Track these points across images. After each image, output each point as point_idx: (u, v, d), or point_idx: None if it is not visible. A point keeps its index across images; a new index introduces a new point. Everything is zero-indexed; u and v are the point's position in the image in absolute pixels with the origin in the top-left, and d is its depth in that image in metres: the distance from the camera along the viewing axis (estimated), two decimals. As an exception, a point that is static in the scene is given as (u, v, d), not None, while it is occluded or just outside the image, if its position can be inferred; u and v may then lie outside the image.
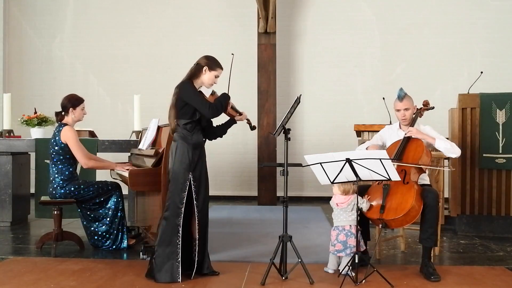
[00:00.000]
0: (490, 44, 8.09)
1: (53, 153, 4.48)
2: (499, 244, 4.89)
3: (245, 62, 8.22)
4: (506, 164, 5.16)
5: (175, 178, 3.62)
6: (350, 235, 3.73)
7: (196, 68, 3.73)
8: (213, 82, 3.74)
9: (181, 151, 3.62)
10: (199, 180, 3.66)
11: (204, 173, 3.72)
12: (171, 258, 3.57)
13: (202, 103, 3.61)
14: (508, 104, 5.18)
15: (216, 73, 3.74)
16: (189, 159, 3.61)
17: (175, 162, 3.63)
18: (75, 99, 4.59)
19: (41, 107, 6.39)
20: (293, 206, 6.82)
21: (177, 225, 3.59)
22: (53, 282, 3.59)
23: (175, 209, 3.60)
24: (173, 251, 3.57)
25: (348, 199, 3.80)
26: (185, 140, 3.63)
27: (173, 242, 3.58)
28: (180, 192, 3.60)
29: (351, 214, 3.76)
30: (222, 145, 8.24)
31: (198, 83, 3.73)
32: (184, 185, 3.60)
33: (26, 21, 8.85)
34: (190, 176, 3.62)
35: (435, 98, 7.36)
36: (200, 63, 3.73)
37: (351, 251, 3.68)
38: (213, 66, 3.72)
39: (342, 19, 8.36)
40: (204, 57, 3.77)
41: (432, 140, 3.94)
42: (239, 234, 5.30)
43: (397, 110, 4.13)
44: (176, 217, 3.59)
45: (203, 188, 3.69)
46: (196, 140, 3.66)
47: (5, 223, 5.66)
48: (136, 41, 8.61)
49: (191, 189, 3.62)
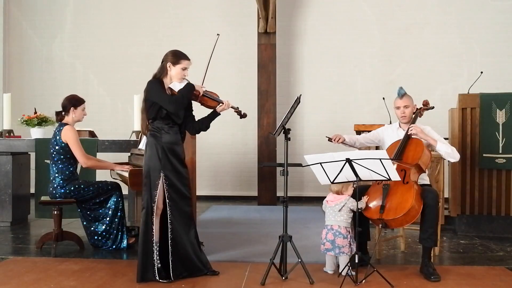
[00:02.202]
0: (490, 44, 8.09)
1: (54, 153, 4.49)
2: (499, 244, 4.90)
3: (245, 62, 8.24)
4: (506, 164, 5.16)
5: (147, 177, 3.62)
6: (338, 235, 3.73)
7: (161, 66, 3.72)
8: (182, 75, 3.69)
9: (152, 151, 3.61)
10: (173, 179, 3.61)
11: (179, 172, 3.64)
12: (149, 257, 3.56)
13: (163, 97, 3.58)
14: (508, 104, 5.18)
15: (182, 66, 3.67)
16: (158, 158, 3.59)
17: (145, 161, 3.64)
18: (76, 99, 4.60)
19: (41, 107, 6.39)
20: (293, 206, 6.82)
21: (152, 223, 3.58)
22: (53, 282, 3.59)
23: (148, 208, 3.59)
24: (149, 249, 3.56)
25: (337, 199, 3.81)
26: (156, 139, 3.62)
27: (148, 240, 3.57)
28: (151, 191, 3.59)
29: (339, 214, 3.76)
30: (222, 145, 8.28)
31: (168, 80, 3.71)
32: (155, 183, 3.58)
33: (26, 21, 8.85)
34: (162, 174, 3.59)
35: (435, 98, 7.36)
36: (164, 60, 3.71)
37: (340, 251, 3.71)
38: (176, 60, 3.67)
39: (342, 19, 8.37)
40: (167, 53, 3.73)
41: (433, 142, 3.94)
42: (239, 234, 5.30)
43: (396, 108, 4.14)
44: (150, 216, 3.58)
45: (180, 187, 3.63)
46: (167, 139, 3.63)
47: (5, 223, 5.66)
48: (136, 41, 8.61)
49: (163, 188, 3.60)
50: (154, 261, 3.57)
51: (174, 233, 3.62)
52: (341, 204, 3.76)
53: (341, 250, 3.71)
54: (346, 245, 3.71)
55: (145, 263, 3.57)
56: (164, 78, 3.70)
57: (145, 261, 3.57)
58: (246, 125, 8.21)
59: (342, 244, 3.71)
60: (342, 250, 3.71)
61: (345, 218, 3.75)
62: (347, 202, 3.76)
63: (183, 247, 3.65)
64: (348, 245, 3.72)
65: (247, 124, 8.18)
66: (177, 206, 3.64)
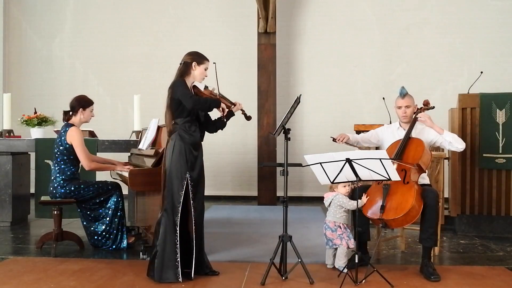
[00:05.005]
0: (490, 44, 8.09)
1: (57, 153, 4.49)
2: (499, 244, 4.89)
3: (245, 62, 8.23)
4: (506, 164, 5.16)
5: (173, 177, 3.62)
6: (327, 229, 3.91)
7: (185, 66, 3.76)
8: (204, 75, 3.79)
9: (179, 150, 3.62)
10: (196, 179, 3.67)
11: (201, 172, 3.74)
12: (171, 258, 3.57)
13: (185, 94, 3.62)
14: (508, 104, 5.18)
15: (205, 66, 3.78)
16: (186, 158, 3.62)
17: (172, 161, 3.63)
18: (85, 100, 4.61)
19: (41, 107, 6.40)
20: (293, 206, 6.82)
21: (175, 224, 3.59)
22: (53, 282, 3.59)
23: (173, 208, 3.61)
24: (172, 250, 3.57)
25: (327, 195, 3.97)
26: (183, 139, 3.64)
27: (172, 241, 3.58)
28: (177, 191, 3.61)
29: (329, 209, 3.95)
30: (222, 145, 8.28)
31: (190, 80, 3.76)
32: (181, 184, 3.61)
33: (26, 21, 8.85)
34: (188, 175, 3.62)
35: (435, 98, 7.35)
36: (187, 60, 3.76)
37: (333, 243, 3.88)
38: (201, 60, 3.77)
39: (342, 19, 8.36)
40: (188, 53, 3.81)
41: (440, 130, 4.05)
42: (239, 234, 5.30)
43: (398, 107, 4.15)
44: (174, 216, 3.60)
45: (200, 187, 3.71)
46: (193, 140, 3.68)
47: (5, 223, 5.66)
48: (136, 41, 8.61)
49: (188, 189, 3.63)
50: (178, 262, 3.57)
51: (197, 233, 3.67)
52: (329, 200, 3.93)
53: (333, 242, 3.88)
54: (335, 238, 3.86)
55: (166, 263, 3.57)
56: (186, 78, 3.74)
57: (166, 261, 3.57)
58: (246, 125, 8.11)
59: (331, 237, 3.89)
60: (334, 243, 3.87)
61: (333, 213, 3.90)
62: (334, 198, 3.90)
63: (201, 247, 3.73)
64: (339, 239, 3.84)
65: (247, 124, 8.08)
66: (199, 206, 3.70)
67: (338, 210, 3.89)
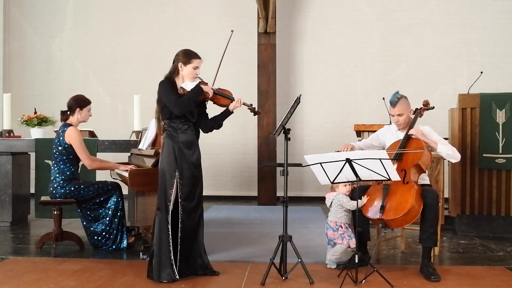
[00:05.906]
0: (490, 44, 8.09)
1: (56, 153, 4.49)
2: (499, 244, 4.89)
3: (245, 62, 8.23)
4: (506, 164, 5.16)
5: (163, 176, 3.64)
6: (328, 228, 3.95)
7: (173, 67, 3.73)
8: (194, 74, 3.69)
9: (167, 149, 3.63)
10: (188, 178, 3.64)
11: (196, 172, 3.69)
12: (167, 257, 3.57)
13: (170, 99, 3.58)
14: (508, 104, 5.18)
15: (193, 65, 3.68)
16: (175, 157, 3.61)
17: (162, 160, 3.66)
18: (82, 100, 4.60)
19: (41, 107, 6.39)
20: (293, 206, 6.82)
21: (168, 223, 3.59)
22: (53, 282, 3.59)
23: (163, 207, 3.61)
24: (166, 249, 3.57)
25: (329, 195, 4.01)
26: (172, 138, 3.64)
27: (165, 240, 3.58)
28: (167, 190, 3.61)
29: (330, 209, 3.99)
30: (222, 145, 8.28)
31: (180, 80, 3.72)
32: (171, 182, 3.60)
33: (26, 21, 8.85)
34: (177, 174, 3.61)
35: (435, 98, 7.36)
36: (175, 61, 3.73)
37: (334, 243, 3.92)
38: (187, 60, 3.67)
39: (342, 19, 8.36)
40: (178, 53, 3.74)
41: (434, 144, 3.94)
42: (239, 234, 5.30)
43: (391, 115, 4.14)
44: (166, 215, 3.59)
45: (194, 187, 3.67)
46: (185, 138, 3.65)
47: (5, 223, 5.66)
48: (136, 41, 8.61)
49: (177, 187, 3.61)
50: (172, 260, 3.57)
51: (183, 233, 3.64)
52: (330, 200, 3.96)
53: (334, 242, 3.93)
54: (337, 238, 3.90)
55: (163, 262, 3.57)
56: (176, 78, 3.72)
57: (163, 260, 3.57)
58: (246, 125, 8.22)
59: (332, 237, 3.93)
60: (335, 242, 3.92)
61: (334, 213, 3.94)
62: (335, 198, 3.93)
63: (189, 247, 3.69)
64: (340, 238, 3.89)
65: (247, 124, 8.19)
66: (188, 206, 3.66)
67: (339, 210, 3.91)
